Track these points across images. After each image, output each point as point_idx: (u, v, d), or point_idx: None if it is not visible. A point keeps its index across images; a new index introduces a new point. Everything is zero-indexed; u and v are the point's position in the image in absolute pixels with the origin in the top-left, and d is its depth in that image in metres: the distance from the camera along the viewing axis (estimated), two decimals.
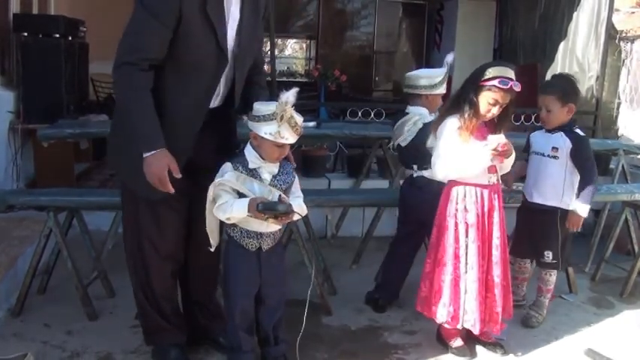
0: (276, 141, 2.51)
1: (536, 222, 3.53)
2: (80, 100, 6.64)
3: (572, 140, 3.39)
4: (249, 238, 2.68)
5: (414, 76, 3.55)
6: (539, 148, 3.51)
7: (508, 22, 8.36)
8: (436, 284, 3.07)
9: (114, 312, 3.51)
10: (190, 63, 2.55)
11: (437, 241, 3.10)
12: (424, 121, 3.43)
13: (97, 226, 4.19)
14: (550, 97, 3.39)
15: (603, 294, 4.16)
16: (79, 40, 6.71)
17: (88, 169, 6.23)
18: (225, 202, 2.55)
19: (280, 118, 2.47)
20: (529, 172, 3.57)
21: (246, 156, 2.61)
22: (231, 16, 2.61)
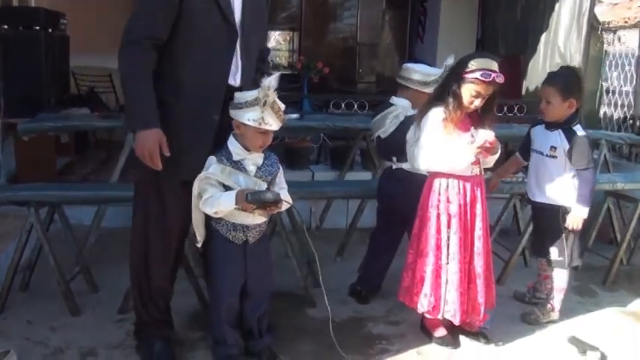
0: (260, 127, 2.49)
1: (542, 220, 3.54)
2: (61, 94, 6.59)
3: (569, 140, 3.30)
4: (235, 231, 2.67)
5: (410, 69, 3.55)
6: (539, 147, 3.44)
7: (490, 13, 8.38)
8: (418, 274, 3.08)
9: (97, 307, 3.49)
10: (201, 41, 2.57)
11: (419, 232, 3.11)
12: (406, 114, 3.43)
13: (79, 221, 4.16)
14: (551, 89, 3.30)
15: (586, 282, 4.19)
16: (60, 33, 6.65)
17: (70, 163, 6.17)
18: (211, 195, 2.53)
19: (263, 104, 2.45)
20: (530, 170, 3.53)
21: (229, 148, 2.59)
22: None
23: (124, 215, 4.85)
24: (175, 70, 2.59)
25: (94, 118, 5.05)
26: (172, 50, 2.58)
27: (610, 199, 4.45)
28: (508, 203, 4.34)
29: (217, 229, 2.69)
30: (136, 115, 2.55)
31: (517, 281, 4.00)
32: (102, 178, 5.32)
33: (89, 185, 4.55)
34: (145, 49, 2.52)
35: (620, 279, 4.28)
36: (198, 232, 2.68)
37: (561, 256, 3.43)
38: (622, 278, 4.30)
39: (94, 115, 5.41)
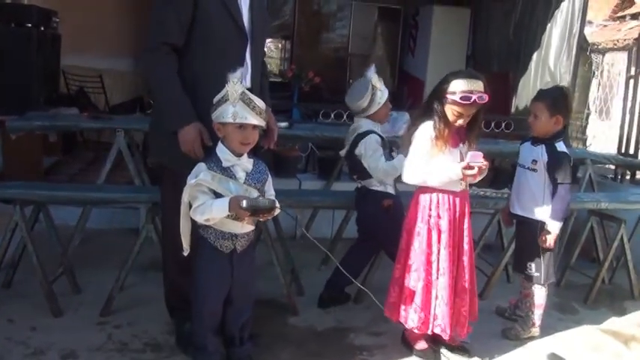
0: (236, 122, 2.49)
1: (522, 234, 3.57)
2: (51, 92, 6.56)
3: (549, 155, 3.37)
4: (223, 240, 2.65)
5: (347, 104, 3.59)
6: (522, 160, 3.52)
7: (482, 29, 8.45)
8: (406, 290, 3.08)
9: (79, 309, 3.47)
10: (215, 46, 2.73)
11: (407, 247, 3.12)
12: (360, 131, 3.48)
13: (64, 221, 4.14)
14: (540, 104, 3.39)
15: (568, 300, 4.22)
16: (52, 31, 6.64)
17: (57, 163, 6.15)
18: (202, 203, 2.52)
19: (233, 99, 2.47)
20: (514, 183, 3.58)
21: (218, 155, 2.59)
22: (242, 2, 2.82)
23: (109, 217, 4.87)
24: (190, 72, 2.74)
25: (82, 119, 5.03)
26: (187, 53, 2.74)
27: (594, 219, 4.49)
28: (492, 218, 4.37)
29: (205, 238, 2.66)
30: (173, 115, 2.71)
31: (499, 297, 4.03)
32: (89, 179, 5.31)
33: (75, 186, 4.52)
34: (165, 53, 2.69)
35: (602, 297, 4.31)
36: (185, 241, 2.66)
37: (538, 272, 3.46)
38: (604, 297, 4.34)
39: (82, 116, 5.39)
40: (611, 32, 12.42)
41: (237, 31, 2.79)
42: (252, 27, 2.86)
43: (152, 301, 3.54)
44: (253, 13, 2.87)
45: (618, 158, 5.95)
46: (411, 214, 3.12)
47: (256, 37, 2.90)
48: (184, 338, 2.99)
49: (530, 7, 7.21)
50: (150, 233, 3.46)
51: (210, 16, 2.72)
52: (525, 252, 3.51)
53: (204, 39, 2.74)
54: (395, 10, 9.57)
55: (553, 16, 6.66)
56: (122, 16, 8.66)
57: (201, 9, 2.70)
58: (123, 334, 3.21)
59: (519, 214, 3.52)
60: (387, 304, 3.22)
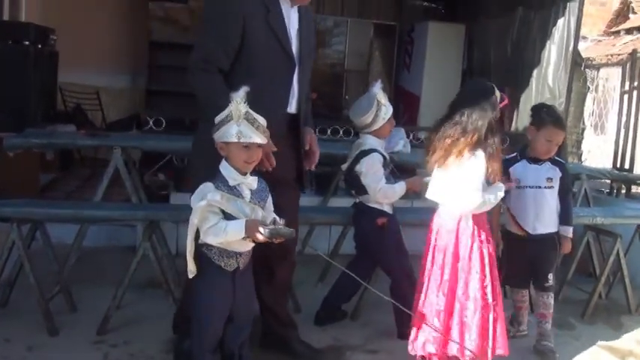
0: (240, 141, 2.47)
1: (538, 250, 3.57)
2: (48, 109, 6.58)
3: (560, 169, 3.52)
4: (228, 258, 2.60)
5: (351, 119, 3.59)
6: (533, 182, 3.51)
7: (478, 45, 8.51)
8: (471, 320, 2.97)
9: (75, 327, 3.46)
10: (260, 70, 2.73)
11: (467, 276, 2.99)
12: (363, 148, 3.49)
13: (61, 239, 4.13)
14: (564, 133, 3.53)
15: (565, 315, 4.21)
16: (49, 49, 6.66)
17: (54, 180, 6.15)
18: (214, 224, 2.48)
19: (237, 118, 2.45)
20: (526, 206, 3.53)
21: (223, 174, 2.56)
22: (291, 24, 2.83)
23: (105, 234, 4.87)
24: None
25: (79, 136, 5.04)
26: (233, 78, 2.71)
27: (590, 234, 4.50)
28: None
29: (209, 257, 2.60)
30: None
31: None
32: (85, 196, 5.32)
33: (72, 203, 4.52)
34: (212, 72, 2.68)
35: (599, 312, 4.31)
36: (192, 262, 2.60)
37: (553, 281, 3.59)
38: (600, 312, 4.34)
39: (79, 133, 5.41)
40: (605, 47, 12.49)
41: (285, 58, 2.80)
42: (301, 53, 2.88)
43: (149, 319, 3.54)
44: (302, 38, 2.89)
45: (613, 173, 5.97)
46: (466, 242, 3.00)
47: (304, 62, 2.91)
48: (183, 357, 2.97)
49: (527, 23, 7.27)
50: (147, 251, 3.46)
51: (258, 42, 2.72)
52: (545, 266, 3.58)
53: (251, 65, 2.73)
54: (390, 26, 9.64)
55: (550, 32, 6.72)
56: (119, 34, 8.72)
57: (249, 34, 2.69)
58: (119, 353, 3.20)
59: (542, 232, 3.54)
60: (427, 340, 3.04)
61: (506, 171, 3.49)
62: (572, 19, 6.42)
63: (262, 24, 2.71)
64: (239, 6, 2.67)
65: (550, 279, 3.57)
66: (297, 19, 2.87)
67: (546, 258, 3.59)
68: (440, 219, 3.09)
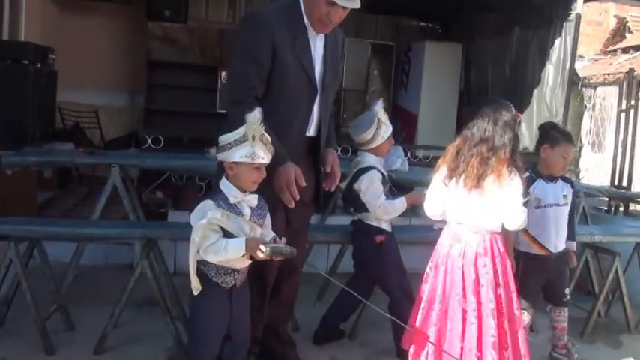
0: (253, 162, 2.48)
1: (557, 267, 3.61)
2: (46, 128, 6.59)
3: (571, 186, 3.63)
4: (226, 275, 2.57)
5: (351, 136, 3.59)
6: (553, 200, 3.52)
7: (476, 65, 8.58)
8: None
9: (72, 346, 3.44)
10: (287, 96, 2.81)
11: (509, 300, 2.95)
12: (362, 166, 3.49)
13: (58, 257, 4.11)
14: (572, 147, 3.58)
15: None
16: (48, 68, 6.69)
17: (52, 199, 6.15)
18: (214, 242, 2.46)
19: (252, 139, 2.45)
20: (548, 225, 3.52)
21: (224, 192, 2.55)
22: (316, 52, 2.89)
23: (103, 252, 4.86)
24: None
25: (77, 154, 5.04)
26: (262, 102, 2.73)
27: (588, 251, 4.50)
28: None
29: (206, 274, 2.57)
30: None
31: None
32: (83, 214, 5.31)
33: (70, 222, 4.51)
34: (249, 103, 2.67)
35: (598, 331, 4.30)
36: (195, 279, 2.56)
37: (569, 294, 3.67)
38: (599, 330, 4.32)
39: (77, 151, 5.41)
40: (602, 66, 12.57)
41: (308, 84, 2.86)
42: (324, 79, 2.93)
43: (146, 338, 3.53)
44: (326, 64, 2.94)
45: (611, 191, 5.98)
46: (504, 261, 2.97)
47: (327, 87, 2.95)
48: None
49: (524, 43, 7.35)
50: (144, 269, 3.45)
51: (285, 67, 2.78)
52: (563, 281, 3.67)
53: (278, 89, 2.80)
54: (388, 46, 9.71)
55: (547, 52, 6.78)
56: (118, 53, 8.77)
57: (278, 60, 2.76)
58: None
59: (561, 249, 3.58)
60: None
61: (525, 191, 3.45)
62: (568, 39, 6.49)
63: (289, 51, 2.78)
64: (270, 33, 2.74)
65: (567, 293, 3.66)
66: (323, 46, 2.93)
67: (563, 273, 3.66)
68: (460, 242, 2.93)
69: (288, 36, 2.78)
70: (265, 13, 2.83)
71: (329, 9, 2.69)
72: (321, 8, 2.69)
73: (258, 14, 2.87)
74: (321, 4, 2.69)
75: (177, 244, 4.71)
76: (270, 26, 2.75)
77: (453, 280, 2.90)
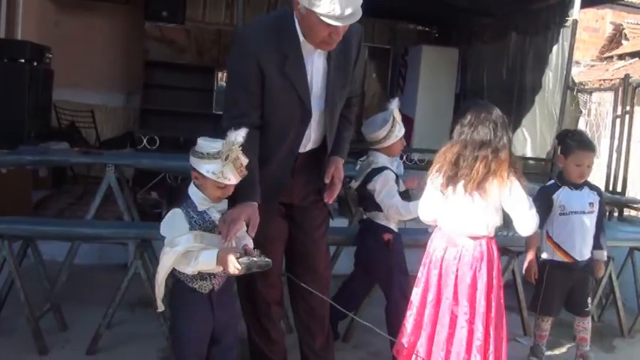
0: (218, 181, 2.39)
1: (581, 276, 3.59)
2: (42, 127, 6.58)
3: (598, 194, 3.55)
4: (202, 280, 2.51)
5: (364, 133, 3.54)
6: (578, 207, 3.49)
7: (472, 69, 8.61)
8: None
9: (65, 346, 3.43)
10: (278, 122, 2.64)
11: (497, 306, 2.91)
12: (375, 166, 3.46)
13: (52, 256, 4.11)
14: (594, 155, 3.51)
15: (558, 337, 4.19)
16: (44, 66, 6.69)
17: (46, 197, 6.13)
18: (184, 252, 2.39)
19: (225, 158, 2.35)
20: (573, 232, 3.49)
21: (192, 199, 2.46)
22: (314, 67, 2.67)
23: (97, 252, 4.84)
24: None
25: (73, 154, 5.03)
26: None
27: None
28: None
29: (182, 280, 2.52)
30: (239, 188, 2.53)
31: None
32: (78, 214, 5.30)
33: (64, 221, 4.51)
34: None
35: (592, 335, 4.26)
36: (160, 294, 2.51)
37: (591, 304, 3.66)
38: (593, 334, 4.27)
39: (73, 150, 5.40)
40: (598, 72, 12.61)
41: (301, 108, 2.67)
42: (327, 95, 2.73)
43: (139, 338, 3.52)
44: (330, 77, 2.71)
45: (606, 196, 5.99)
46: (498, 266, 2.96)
47: (329, 108, 2.76)
48: None
49: (520, 48, 7.37)
50: (138, 269, 3.44)
51: (274, 94, 2.62)
52: (586, 290, 3.63)
53: (268, 115, 2.65)
54: (385, 49, 9.73)
55: (544, 58, 6.80)
56: (114, 53, 8.77)
57: (267, 87, 2.60)
58: None
59: (587, 258, 3.54)
60: None
61: (549, 197, 3.50)
62: (565, 45, 6.52)
63: (279, 77, 2.59)
64: (255, 60, 2.56)
65: (589, 303, 3.64)
66: (325, 57, 2.69)
67: (587, 283, 3.62)
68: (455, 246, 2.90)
69: (278, 58, 2.58)
70: (251, 36, 2.64)
71: (330, 30, 2.47)
72: (322, 32, 2.48)
73: (243, 38, 2.68)
74: (321, 29, 2.46)
75: None
76: (255, 53, 2.56)
77: (446, 284, 2.89)
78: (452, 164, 2.84)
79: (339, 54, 2.70)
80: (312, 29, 2.49)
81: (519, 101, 7.24)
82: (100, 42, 8.65)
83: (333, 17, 2.38)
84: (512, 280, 4.17)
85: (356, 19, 2.46)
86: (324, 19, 2.38)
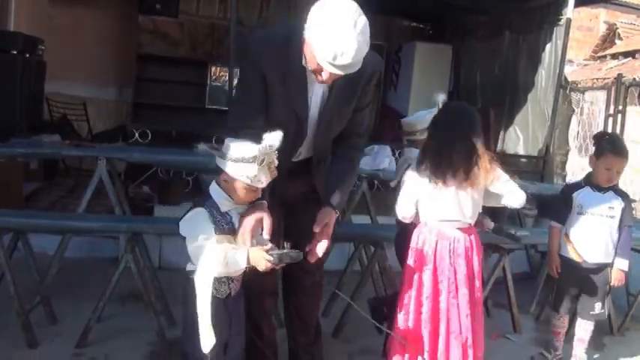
0: (252, 185, 2.33)
1: (589, 278, 3.57)
2: (34, 119, 6.55)
3: (623, 200, 3.51)
4: (220, 284, 2.41)
5: (407, 124, 3.52)
6: (595, 210, 3.50)
7: (465, 66, 8.62)
8: None
9: (55, 340, 3.42)
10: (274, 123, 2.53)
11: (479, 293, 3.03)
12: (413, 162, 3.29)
13: (43, 249, 4.10)
14: (624, 161, 3.46)
15: (547, 334, 4.19)
16: (37, 58, 6.65)
17: (38, 190, 6.11)
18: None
19: (260, 162, 2.28)
20: (585, 232, 3.53)
21: (214, 198, 2.38)
22: (314, 93, 2.63)
23: (88, 246, 4.83)
24: None
25: (64, 147, 5.01)
26: None
27: None
28: None
29: None
30: None
31: None
32: (69, 207, 5.28)
33: (55, 214, 4.50)
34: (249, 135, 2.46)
35: None
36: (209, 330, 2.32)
37: (602, 309, 3.60)
38: None
39: (64, 143, 5.38)
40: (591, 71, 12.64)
41: (296, 123, 2.63)
42: (319, 125, 2.68)
43: (129, 332, 3.51)
44: (329, 103, 2.65)
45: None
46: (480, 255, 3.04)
47: (321, 134, 2.71)
48: None
49: (514, 46, 7.39)
50: (129, 263, 3.44)
51: (273, 101, 2.59)
52: (593, 294, 3.58)
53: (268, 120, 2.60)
54: (379, 45, 9.67)
55: (537, 56, 6.82)
56: (107, 46, 8.73)
57: (269, 90, 2.57)
58: None
59: (596, 261, 3.54)
60: None
61: (569, 196, 3.57)
62: (558, 43, 6.55)
63: (280, 84, 2.56)
64: (261, 71, 2.53)
65: (596, 308, 3.59)
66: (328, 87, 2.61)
67: (596, 287, 3.58)
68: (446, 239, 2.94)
69: (282, 70, 2.54)
70: (261, 45, 2.57)
71: (319, 67, 2.39)
72: (313, 64, 2.41)
73: (255, 45, 2.59)
74: (313, 61, 2.40)
75: (162, 239, 4.70)
76: (261, 66, 2.53)
77: (443, 277, 2.92)
78: (435, 157, 2.88)
79: (343, 86, 2.60)
80: (308, 59, 2.44)
81: (512, 99, 7.26)
82: (93, 35, 8.60)
83: (326, 62, 2.32)
84: (502, 277, 4.19)
85: (351, 70, 2.38)
86: (318, 60, 2.34)
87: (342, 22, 2.32)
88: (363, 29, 2.37)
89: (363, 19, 2.37)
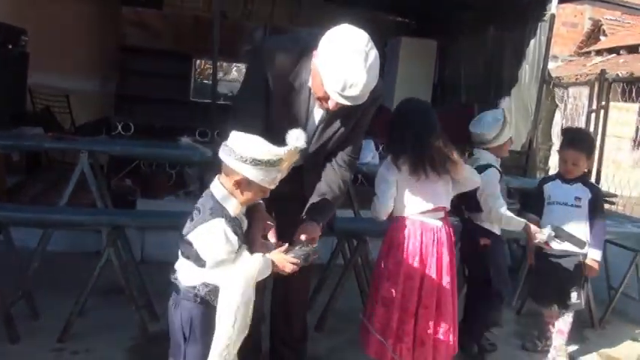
0: (269, 187, 2.20)
1: (562, 269, 3.63)
2: (16, 111, 6.49)
3: (591, 191, 3.64)
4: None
5: (472, 131, 3.50)
6: (562, 199, 3.65)
7: (450, 61, 8.64)
8: None
9: (37, 334, 3.40)
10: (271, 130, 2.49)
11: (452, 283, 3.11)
12: (480, 163, 3.40)
13: (24, 242, 4.05)
14: (580, 154, 3.58)
15: (528, 328, 4.25)
16: (20, 49, 6.60)
17: (20, 183, 6.06)
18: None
19: (282, 165, 2.16)
20: (551, 220, 3.62)
21: (222, 204, 2.19)
22: (311, 115, 2.62)
23: (70, 239, 4.80)
24: None
25: (47, 139, 4.96)
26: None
27: None
28: None
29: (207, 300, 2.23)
30: None
31: None
32: (52, 200, 5.23)
33: (37, 208, 4.45)
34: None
35: None
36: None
37: (579, 299, 3.66)
38: None
39: (47, 136, 5.33)
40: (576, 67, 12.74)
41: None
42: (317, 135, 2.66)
43: (111, 326, 3.50)
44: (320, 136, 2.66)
45: None
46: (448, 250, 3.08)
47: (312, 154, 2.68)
48: None
49: (499, 42, 7.40)
50: (111, 257, 3.42)
51: (273, 110, 2.58)
52: (567, 285, 3.64)
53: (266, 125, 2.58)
54: None
55: (522, 52, 6.84)
56: (91, 37, 8.65)
57: (270, 101, 2.56)
58: None
59: (564, 249, 3.60)
60: None
61: (541, 187, 3.80)
62: (542, 39, 6.57)
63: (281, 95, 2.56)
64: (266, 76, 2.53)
65: (572, 298, 3.65)
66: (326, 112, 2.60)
67: (569, 277, 3.63)
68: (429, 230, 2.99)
69: (286, 83, 2.54)
70: (270, 56, 2.55)
71: (326, 96, 2.39)
72: (320, 91, 2.41)
73: (264, 54, 2.59)
74: (320, 89, 2.39)
75: (144, 233, 4.68)
76: (267, 76, 2.52)
77: (429, 268, 2.96)
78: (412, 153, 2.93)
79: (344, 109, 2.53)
80: (315, 86, 2.45)
81: (496, 94, 7.28)
82: (77, 26, 8.51)
83: (335, 92, 2.33)
84: None
85: (358, 102, 2.38)
86: (326, 88, 2.34)
87: (354, 54, 2.30)
88: (373, 63, 2.34)
89: (374, 52, 2.35)
